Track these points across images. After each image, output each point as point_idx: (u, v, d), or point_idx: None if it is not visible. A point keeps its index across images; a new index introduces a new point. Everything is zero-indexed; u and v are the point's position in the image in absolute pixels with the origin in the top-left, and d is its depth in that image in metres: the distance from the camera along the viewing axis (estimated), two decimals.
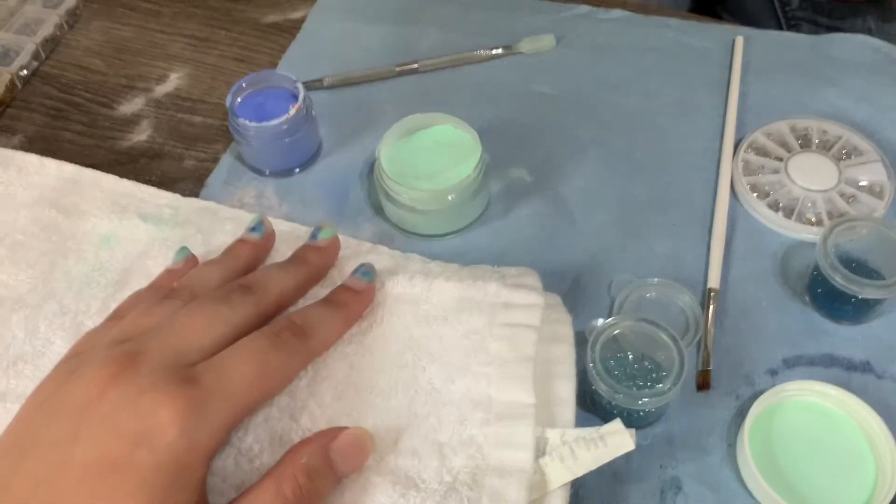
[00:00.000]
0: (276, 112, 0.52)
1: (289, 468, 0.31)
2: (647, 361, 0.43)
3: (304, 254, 0.41)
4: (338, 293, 0.39)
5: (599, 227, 0.51)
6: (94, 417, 0.29)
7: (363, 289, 0.39)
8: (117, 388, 0.29)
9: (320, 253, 0.41)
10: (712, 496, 0.40)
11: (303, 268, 0.40)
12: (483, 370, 0.39)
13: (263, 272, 0.39)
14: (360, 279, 0.39)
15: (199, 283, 0.37)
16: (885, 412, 0.41)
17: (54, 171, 0.52)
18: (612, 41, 0.62)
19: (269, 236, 0.43)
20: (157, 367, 0.30)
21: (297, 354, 0.34)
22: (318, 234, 0.42)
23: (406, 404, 0.39)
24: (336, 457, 0.33)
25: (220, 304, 0.34)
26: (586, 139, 0.56)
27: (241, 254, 0.41)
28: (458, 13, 0.65)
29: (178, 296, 0.35)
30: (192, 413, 0.29)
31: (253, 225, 0.43)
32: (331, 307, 0.37)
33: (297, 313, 0.36)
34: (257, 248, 0.42)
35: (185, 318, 0.33)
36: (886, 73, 0.58)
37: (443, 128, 0.51)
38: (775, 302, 0.47)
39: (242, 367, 0.31)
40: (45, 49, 0.64)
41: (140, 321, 0.34)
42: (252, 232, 0.42)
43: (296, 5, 0.67)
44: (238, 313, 0.34)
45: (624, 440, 0.37)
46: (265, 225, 0.43)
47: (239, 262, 0.40)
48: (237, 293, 0.35)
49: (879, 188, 0.51)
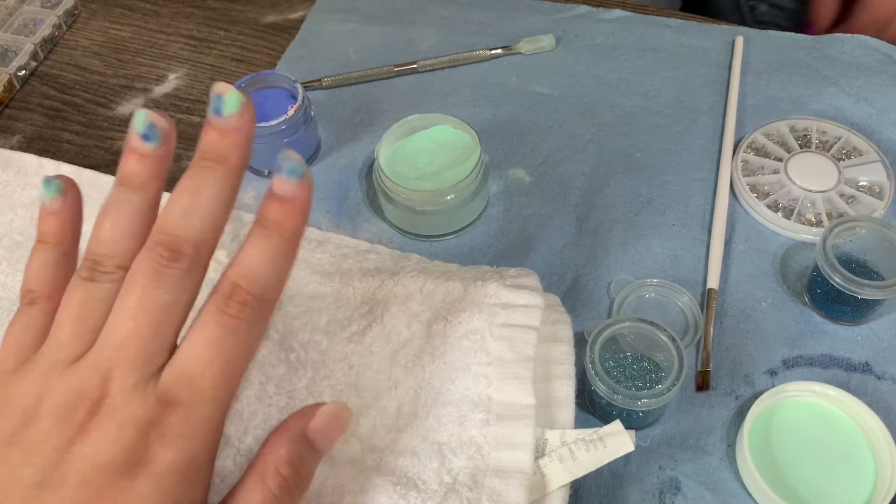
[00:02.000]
0: (275, 112, 0.52)
1: (269, 463, 0.30)
2: (647, 362, 0.43)
3: (215, 151, 0.30)
4: (267, 211, 0.30)
5: (599, 228, 0.51)
6: (77, 458, 0.27)
7: (294, 195, 0.30)
8: (98, 431, 0.27)
9: (231, 140, 0.30)
10: (711, 497, 0.40)
11: (220, 180, 0.30)
12: (483, 371, 0.39)
13: (181, 214, 0.29)
14: (286, 180, 0.30)
15: (115, 252, 0.30)
16: (884, 413, 0.41)
17: (53, 171, 0.52)
18: (611, 41, 0.62)
19: (168, 139, 0.31)
20: (131, 395, 0.28)
21: (255, 325, 0.29)
22: (220, 106, 0.29)
23: (406, 405, 0.39)
24: (316, 437, 0.31)
25: (156, 290, 0.28)
26: (586, 139, 0.56)
27: (139, 180, 0.30)
28: (457, 13, 0.65)
29: (100, 278, 0.29)
30: (181, 434, 0.28)
31: (144, 130, 0.30)
32: (266, 240, 0.29)
33: (237, 272, 0.29)
34: (157, 163, 0.31)
35: (131, 323, 0.28)
36: (886, 74, 0.58)
37: (442, 128, 0.51)
38: (775, 302, 0.47)
39: (208, 369, 0.28)
40: (43, 49, 0.64)
41: (77, 326, 0.29)
42: (146, 140, 0.30)
43: (294, 5, 0.67)
44: (177, 296, 0.29)
45: (623, 441, 0.37)
46: (160, 123, 0.30)
47: (139, 196, 0.30)
48: (168, 269, 0.28)
49: (879, 188, 0.51)
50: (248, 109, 0.30)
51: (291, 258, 0.31)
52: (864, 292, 0.43)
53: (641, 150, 0.55)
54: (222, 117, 0.29)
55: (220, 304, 0.29)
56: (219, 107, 0.30)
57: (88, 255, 0.30)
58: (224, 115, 0.29)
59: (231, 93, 0.29)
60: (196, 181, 0.29)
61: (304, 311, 0.43)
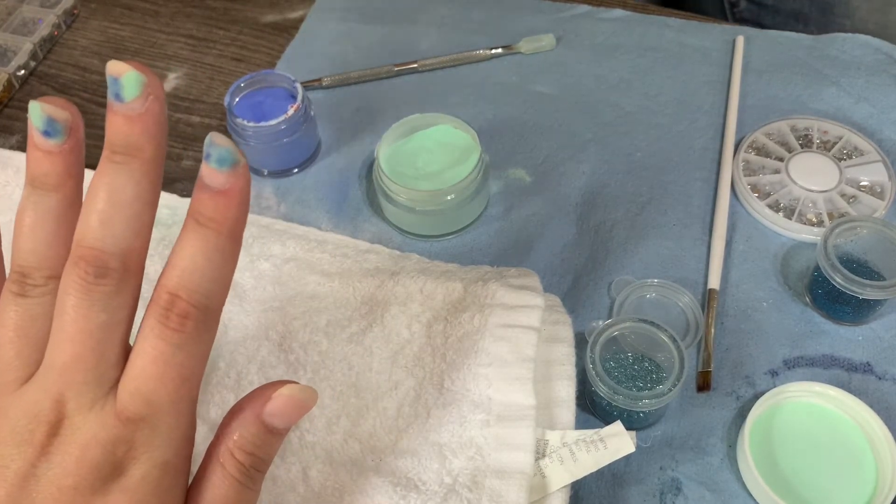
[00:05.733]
0: (275, 112, 0.51)
1: (224, 448, 0.29)
2: (647, 362, 0.43)
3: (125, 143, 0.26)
4: (198, 206, 0.27)
5: (599, 228, 0.51)
6: (42, 482, 0.26)
7: (226, 185, 0.26)
8: (61, 454, 0.26)
9: (140, 127, 0.26)
10: (712, 497, 0.40)
11: (137, 177, 0.26)
12: (483, 371, 0.39)
13: (99, 223, 0.26)
14: (216, 170, 0.26)
15: (40, 263, 0.27)
16: (885, 413, 0.41)
17: None
18: (612, 41, 0.62)
19: (73, 130, 0.27)
20: (89, 414, 0.26)
21: (201, 335, 0.27)
22: (119, 90, 0.26)
23: (406, 406, 0.39)
24: (272, 420, 0.29)
25: (89, 311, 0.26)
26: (586, 139, 0.56)
27: (49, 180, 0.27)
28: (457, 13, 0.65)
29: (31, 292, 0.27)
30: (150, 446, 0.27)
31: (42, 126, 0.27)
32: (201, 239, 0.26)
33: (173, 280, 0.27)
34: (66, 158, 0.27)
35: (70, 347, 0.26)
36: (887, 73, 0.58)
37: (442, 128, 0.51)
38: (776, 302, 0.47)
39: (161, 384, 0.27)
40: (42, 49, 0.64)
41: (18, 346, 0.27)
42: (47, 137, 0.27)
43: (294, 5, 0.67)
44: (114, 313, 0.26)
45: (624, 442, 0.37)
46: (60, 115, 0.27)
47: (55, 198, 0.27)
48: (97, 287, 0.26)
49: (880, 188, 0.51)
50: (154, 87, 0.26)
51: (233, 257, 0.27)
52: (866, 292, 0.43)
53: (642, 150, 0.55)
54: (124, 102, 0.26)
55: (160, 318, 0.26)
56: (118, 91, 0.26)
57: (15, 266, 0.28)
58: (126, 100, 0.26)
59: (129, 73, 0.25)
60: (110, 180, 0.26)
61: (303, 312, 0.43)
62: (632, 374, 0.42)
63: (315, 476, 0.37)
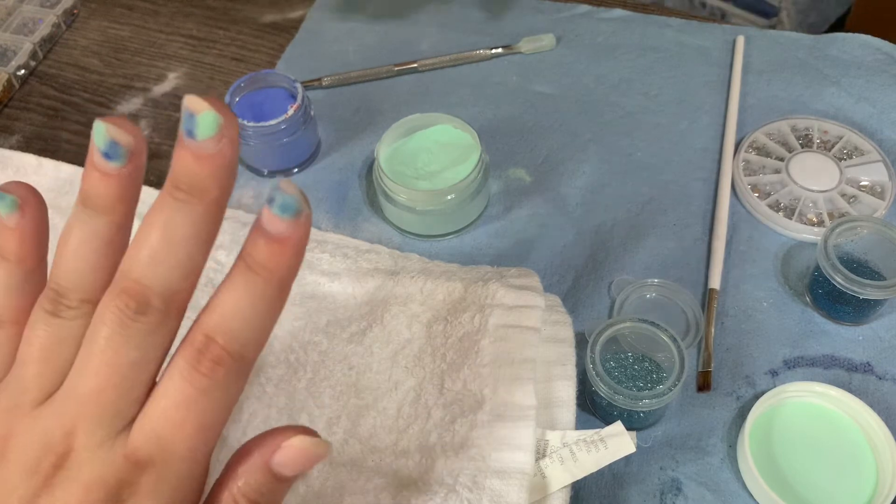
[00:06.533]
0: (275, 112, 0.51)
1: (228, 493, 0.27)
2: (648, 362, 0.43)
3: (191, 182, 0.25)
4: (252, 250, 0.25)
5: (599, 228, 0.51)
6: None
7: (287, 234, 0.25)
8: (64, 490, 0.25)
9: (210, 169, 0.25)
10: (712, 498, 0.40)
11: (197, 218, 0.25)
12: (483, 371, 0.39)
13: (149, 259, 0.25)
14: (279, 216, 0.25)
15: (79, 285, 0.27)
16: (885, 413, 0.41)
17: (52, 171, 0.52)
18: (612, 41, 0.62)
19: (136, 155, 0.26)
20: (97, 452, 0.26)
21: (231, 385, 0.26)
22: (193, 128, 0.24)
23: (406, 406, 0.39)
24: (280, 469, 0.28)
25: (122, 345, 0.25)
26: (586, 139, 0.56)
27: (102, 202, 0.26)
28: (457, 12, 0.65)
29: (64, 313, 0.27)
30: (156, 492, 0.26)
31: (104, 147, 0.25)
32: (250, 285, 0.25)
33: (212, 322, 0.26)
34: (123, 183, 0.26)
35: (94, 379, 0.25)
36: (887, 73, 0.58)
37: (442, 128, 0.51)
38: (776, 302, 0.47)
39: (179, 430, 0.26)
40: (42, 49, 0.64)
41: (40, 367, 0.27)
42: (108, 159, 0.26)
43: (294, 5, 0.67)
44: (147, 352, 0.26)
45: (625, 442, 0.37)
46: (124, 139, 0.26)
47: (104, 220, 0.26)
48: (135, 323, 0.25)
49: (881, 188, 0.51)
50: (229, 129, 0.25)
51: (279, 307, 0.26)
52: (866, 292, 0.43)
53: (642, 150, 0.55)
54: (197, 140, 0.24)
55: (191, 360, 0.25)
56: (191, 128, 0.24)
57: (52, 283, 0.27)
58: (198, 139, 0.24)
59: (207, 112, 0.24)
60: (167, 217, 0.25)
61: (303, 312, 0.43)
62: (632, 374, 0.42)
63: (315, 476, 0.37)
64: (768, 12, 0.92)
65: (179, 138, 0.25)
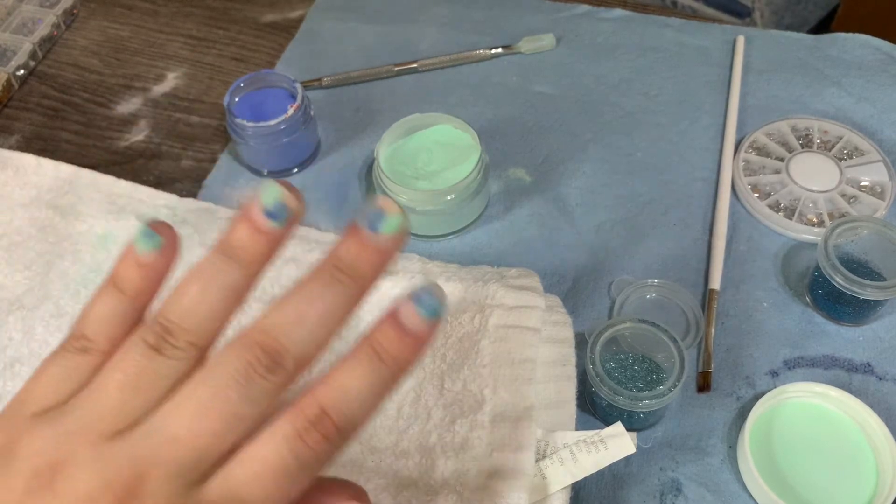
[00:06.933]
0: (275, 112, 0.51)
1: None
2: (648, 363, 0.43)
3: (353, 266, 0.26)
4: (382, 338, 0.26)
5: (599, 228, 0.51)
6: None
7: (423, 332, 0.26)
8: None
9: (376, 261, 0.26)
10: (712, 498, 0.40)
11: (348, 298, 0.26)
12: (483, 372, 0.39)
13: (295, 321, 0.26)
14: (421, 315, 0.26)
15: (193, 328, 0.26)
16: (885, 414, 0.41)
17: (51, 171, 0.52)
18: (612, 41, 0.62)
19: (294, 220, 0.27)
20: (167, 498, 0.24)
21: (328, 458, 0.26)
22: (378, 223, 0.26)
23: (406, 406, 0.39)
24: None
25: (238, 397, 0.25)
26: (586, 139, 0.56)
27: (246, 255, 0.27)
28: (457, 12, 0.65)
29: (168, 351, 0.26)
30: None
31: (272, 207, 0.26)
32: (374, 370, 0.26)
33: (330, 397, 0.25)
34: (272, 243, 0.27)
35: (192, 423, 0.24)
36: (888, 73, 0.58)
37: (442, 128, 0.51)
38: (776, 303, 0.47)
39: (263, 499, 0.24)
40: (42, 49, 0.64)
41: (125, 398, 0.25)
42: (269, 218, 0.26)
43: (294, 5, 0.67)
44: (258, 409, 0.25)
45: (625, 443, 0.37)
46: (292, 204, 0.27)
47: (240, 273, 0.27)
48: (260, 379, 0.25)
49: (881, 188, 0.51)
50: (405, 233, 0.27)
51: (392, 392, 0.27)
52: (866, 293, 0.43)
53: (642, 150, 0.55)
54: (376, 234, 0.26)
55: (299, 427, 0.25)
56: (376, 224, 0.26)
57: (161, 319, 0.26)
58: (380, 232, 0.26)
59: (395, 215, 0.26)
60: (322, 288, 0.26)
61: None
62: (632, 374, 0.42)
63: None
64: (741, 13, 0.92)
65: (356, 226, 0.26)
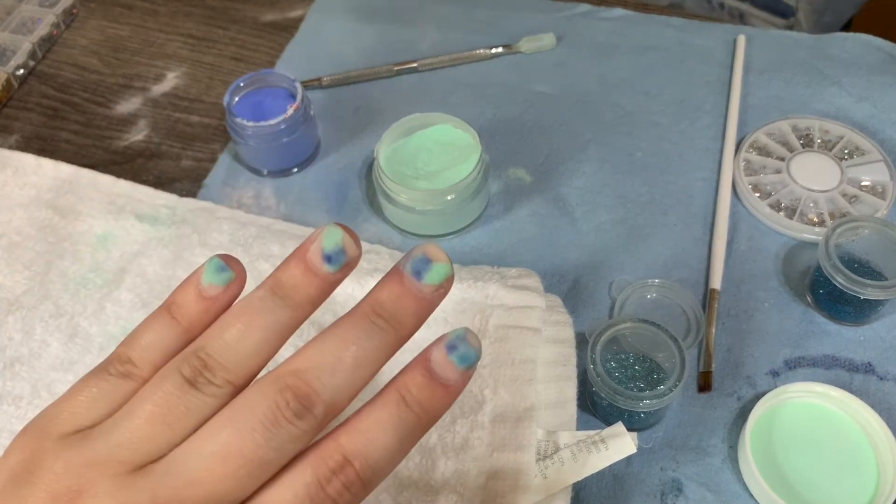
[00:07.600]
0: (274, 111, 0.51)
1: None
2: (648, 363, 0.42)
3: (394, 313, 0.25)
4: (412, 385, 0.25)
5: (600, 228, 0.51)
6: None
7: (454, 381, 0.25)
8: None
9: (417, 309, 0.26)
10: (713, 498, 0.40)
11: (385, 345, 0.25)
12: (483, 372, 0.39)
13: (329, 368, 0.25)
14: (455, 365, 0.25)
15: (232, 365, 0.25)
16: (886, 414, 0.41)
17: (51, 171, 0.52)
18: (612, 40, 0.62)
19: (349, 267, 0.26)
20: None
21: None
22: (423, 270, 0.26)
23: None
24: None
25: (262, 441, 0.24)
26: (586, 139, 0.56)
27: (296, 297, 0.26)
28: (457, 12, 0.65)
29: (203, 387, 0.25)
30: None
31: (331, 251, 0.26)
32: (402, 418, 0.25)
33: (355, 443, 0.24)
34: (325, 287, 0.26)
35: (214, 466, 0.23)
36: (888, 73, 0.58)
37: (442, 127, 0.51)
38: (777, 303, 0.47)
39: None
40: (41, 48, 0.64)
41: (153, 430, 0.24)
42: (326, 262, 0.26)
43: (294, 4, 0.67)
44: (282, 455, 0.24)
45: (625, 443, 0.37)
46: (352, 250, 0.26)
47: (288, 315, 0.26)
48: (288, 424, 0.24)
49: (882, 188, 0.51)
50: (449, 283, 0.26)
51: (417, 441, 0.25)
52: (867, 293, 0.43)
53: (643, 150, 0.55)
54: (420, 282, 0.25)
55: (321, 476, 0.24)
56: (421, 270, 0.25)
57: (200, 352, 0.25)
58: (424, 281, 0.25)
59: (441, 264, 0.25)
60: (361, 336, 0.25)
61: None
62: (633, 374, 0.42)
63: None
64: (785, 12, 0.92)
65: (400, 272, 0.25)
